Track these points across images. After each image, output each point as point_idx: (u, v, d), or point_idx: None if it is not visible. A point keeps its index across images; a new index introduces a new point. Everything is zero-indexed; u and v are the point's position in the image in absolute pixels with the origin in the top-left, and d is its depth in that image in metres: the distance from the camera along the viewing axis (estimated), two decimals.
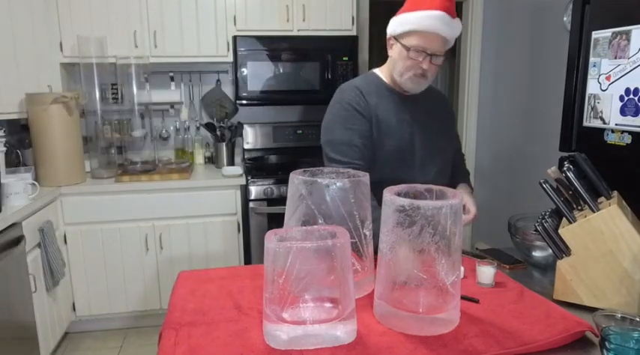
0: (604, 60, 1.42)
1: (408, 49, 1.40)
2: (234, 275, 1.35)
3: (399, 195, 1.04)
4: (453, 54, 4.84)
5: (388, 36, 1.48)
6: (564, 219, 1.20)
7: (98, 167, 2.82)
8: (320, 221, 1.14)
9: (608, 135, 1.42)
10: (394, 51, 1.47)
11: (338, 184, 1.13)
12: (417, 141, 1.51)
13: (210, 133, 3.16)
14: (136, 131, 3.02)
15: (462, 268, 1.19)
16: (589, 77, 1.48)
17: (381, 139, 1.49)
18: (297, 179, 1.16)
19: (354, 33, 3.04)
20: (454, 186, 1.63)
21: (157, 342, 1.08)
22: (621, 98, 1.37)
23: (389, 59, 1.52)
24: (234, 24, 2.90)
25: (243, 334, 1.01)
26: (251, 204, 2.76)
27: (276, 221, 2.76)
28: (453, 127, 1.74)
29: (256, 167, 3.05)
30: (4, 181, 2.14)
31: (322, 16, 2.98)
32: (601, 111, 1.44)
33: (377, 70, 1.59)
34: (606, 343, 0.85)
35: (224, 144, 3.10)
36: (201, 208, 2.73)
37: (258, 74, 2.92)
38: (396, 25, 1.43)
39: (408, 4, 1.44)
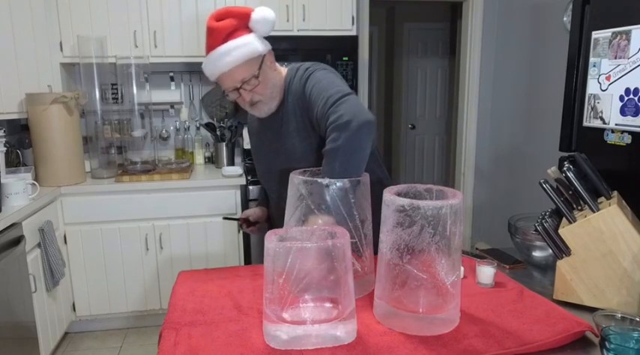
0: (604, 60, 1.42)
1: (225, 92, 1.40)
2: (234, 275, 1.35)
3: (399, 195, 1.04)
4: (452, 54, 4.84)
5: None
6: (564, 219, 1.20)
7: (98, 167, 2.82)
8: (320, 221, 1.14)
9: (608, 135, 1.42)
10: None
11: (338, 184, 1.13)
12: (281, 157, 1.45)
13: (210, 133, 3.16)
14: (136, 131, 3.02)
15: (462, 268, 1.19)
16: (589, 77, 1.48)
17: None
18: (297, 179, 1.17)
19: (354, 33, 3.04)
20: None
21: (157, 342, 1.09)
22: (621, 98, 1.37)
23: None
24: None
25: (243, 334, 1.01)
26: (251, 204, 2.76)
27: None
28: (312, 115, 1.36)
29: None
30: (4, 181, 2.14)
31: (322, 16, 2.98)
32: (601, 111, 1.44)
33: None
34: (606, 343, 0.85)
35: (224, 144, 3.10)
36: (201, 208, 2.73)
37: None
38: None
39: None
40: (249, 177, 2.78)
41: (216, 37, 1.32)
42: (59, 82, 2.84)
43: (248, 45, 1.32)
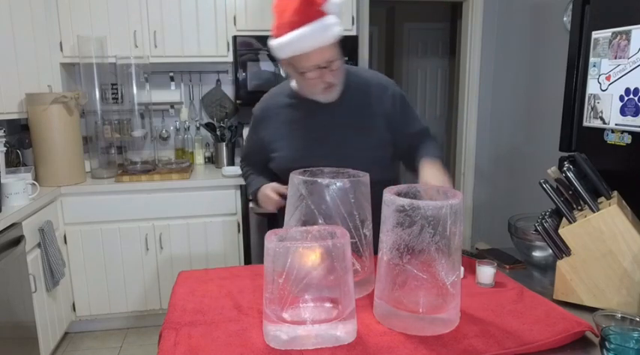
0: (604, 60, 1.42)
1: (302, 72, 1.30)
2: (234, 275, 1.35)
3: (399, 195, 1.04)
4: (452, 54, 4.84)
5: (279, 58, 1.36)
6: (564, 219, 1.20)
7: (98, 167, 2.82)
8: (320, 221, 1.14)
9: (608, 135, 1.42)
10: (290, 72, 1.37)
11: (338, 184, 1.13)
12: (326, 145, 1.41)
13: (210, 133, 3.16)
14: (136, 131, 3.02)
15: (462, 268, 1.19)
16: (589, 77, 1.48)
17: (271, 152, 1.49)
18: (297, 179, 1.16)
19: (354, 33, 3.04)
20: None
21: (157, 342, 1.09)
22: (621, 98, 1.37)
23: None
24: (234, 24, 2.90)
25: (243, 334, 1.01)
26: (251, 204, 2.76)
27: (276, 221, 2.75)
28: (394, 119, 1.51)
29: None
30: (4, 181, 2.14)
31: None
32: (601, 111, 1.44)
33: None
34: (606, 343, 0.85)
35: (224, 144, 3.10)
36: (201, 208, 2.73)
37: (258, 74, 2.92)
38: (277, 51, 1.32)
39: (274, 27, 1.33)
40: None
41: (315, 8, 1.23)
42: (59, 82, 2.84)
43: (339, 25, 1.25)
